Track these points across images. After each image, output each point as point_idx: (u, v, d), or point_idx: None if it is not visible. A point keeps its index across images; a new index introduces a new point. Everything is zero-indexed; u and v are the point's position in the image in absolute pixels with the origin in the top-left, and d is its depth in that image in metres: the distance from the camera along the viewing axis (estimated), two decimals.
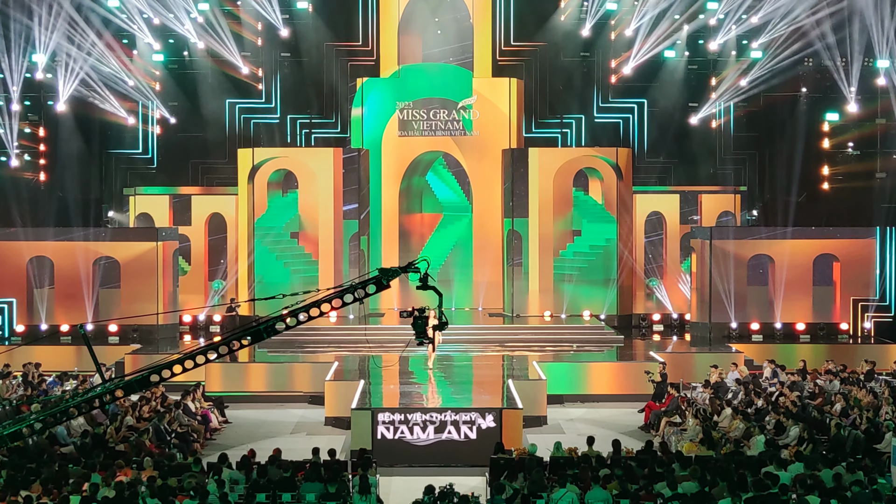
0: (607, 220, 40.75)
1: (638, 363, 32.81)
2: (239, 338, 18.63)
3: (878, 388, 29.57)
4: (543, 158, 40.46)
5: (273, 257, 40.39)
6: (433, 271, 19.89)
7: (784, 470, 20.33)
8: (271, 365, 32.99)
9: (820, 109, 43.44)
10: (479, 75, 42.82)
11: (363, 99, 42.76)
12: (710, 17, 42.83)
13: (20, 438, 19.65)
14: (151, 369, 18.55)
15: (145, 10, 42.14)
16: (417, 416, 25.18)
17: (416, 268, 18.75)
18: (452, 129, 42.68)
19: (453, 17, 42.99)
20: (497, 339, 36.84)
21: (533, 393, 28.75)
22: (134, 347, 35.68)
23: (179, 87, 43.80)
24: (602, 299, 40.43)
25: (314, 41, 43.56)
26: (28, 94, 42.46)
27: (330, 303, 18.53)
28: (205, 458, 23.34)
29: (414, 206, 43.71)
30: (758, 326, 37.93)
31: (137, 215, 41.90)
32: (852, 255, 38.36)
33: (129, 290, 37.92)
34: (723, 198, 42.47)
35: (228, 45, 42.84)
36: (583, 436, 23.98)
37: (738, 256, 38.26)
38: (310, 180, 40.42)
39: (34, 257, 38.25)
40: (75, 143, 42.68)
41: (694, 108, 43.83)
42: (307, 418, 30.05)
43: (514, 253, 40.59)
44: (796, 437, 24.01)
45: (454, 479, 19.96)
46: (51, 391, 29.49)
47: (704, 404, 27.93)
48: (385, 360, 31.70)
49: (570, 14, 43.81)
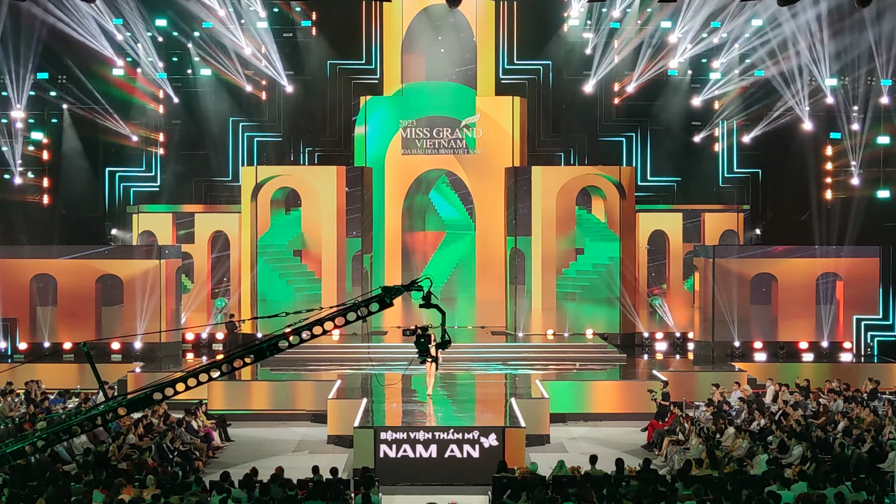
0: (610, 238, 40.76)
1: (641, 382, 32.79)
2: (242, 356, 18.60)
3: (881, 407, 29.54)
4: (546, 177, 40.47)
5: (276, 275, 40.41)
6: (436, 289, 19.86)
7: (787, 489, 20.30)
8: (274, 383, 32.96)
9: (823, 128, 43.45)
10: (482, 94, 42.89)
11: (366, 117, 42.84)
12: (714, 36, 42.91)
13: (23, 456, 19.64)
14: (154, 387, 18.52)
15: (149, 28, 42.23)
16: (420, 435, 25.13)
17: (419, 286, 18.72)
18: (455, 148, 42.73)
19: (456, 35, 43.07)
20: (500, 357, 36.83)
21: (536, 411, 28.73)
22: (137, 365, 35.67)
23: (183, 105, 43.89)
24: (605, 318, 40.39)
25: (318, 59, 43.67)
26: (32, 112, 42.54)
27: (333, 321, 18.49)
28: (207, 476, 23.32)
29: (417, 225, 43.73)
30: (761, 345, 37.88)
31: (140, 233, 41.93)
32: (855, 274, 38.33)
33: (132, 307, 37.95)
34: (726, 216, 42.50)
35: (232, 64, 42.91)
36: (585, 454, 23.91)
37: (741, 275, 38.25)
38: (313, 198, 40.44)
39: (37, 275, 38.26)
40: (79, 162, 42.76)
41: (697, 127, 43.89)
42: (309, 436, 30.01)
43: (516, 271, 40.59)
44: (799, 457, 23.97)
45: (457, 498, 19.99)
46: (53, 409, 29.49)
47: (707, 423, 27.89)
48: (388, 379, 31.67)
49: (573, 33, 43.92)
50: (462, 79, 43.00)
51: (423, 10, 42.79)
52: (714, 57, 43.09)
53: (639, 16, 43.17)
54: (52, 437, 18.90)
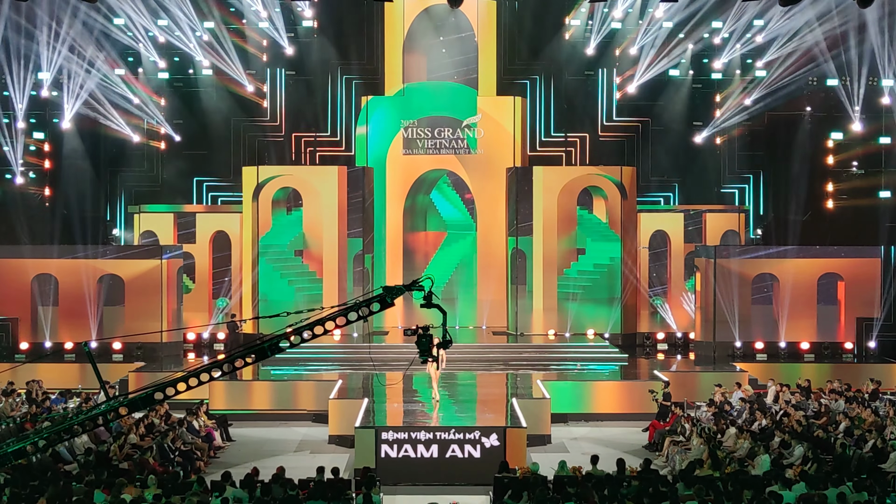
0: (611, 238, 40.74)
1: (642, 382, 32.77)
2: (243, 356, 18.58)
3: (882, 407, 29.54)
4: (548, 177, 40.44)
5: (277, 275, 40.39)
6: (437, 289, 19.89)
7: (789, 490, 20.29)
8: (275, 383, 32.96)
9: (824, 128, 43.50)
10: (483, 94, 42.87)
11: (368, 117, 42.83)
12: (715, 37, 42.93)
13: (24, 456, 19.62)
14: (155, 387, 18.50)
15: (150, 28, 42.26)
16: (421, 435, 25.12)
17: (420, 286, 18.70)
18: (457, 148, 42.70)
19: (458, 35, 43.06)
20: (501, 357, 36.81)
21: (537, 411, 28.72)
22: (138, 365, 35.66)
23: (184, 104, 43.89)
24: (606, 318, 40.35)
25: (319, 59, 43.68)
26: (33, 112, 42.56)
27: (334, 321, 18.47)
28: (208, 476, 23.31)
29: (418, 225, 43.72)
30: (762, 345, 37.85)
31: (142, 233, 41.93)
32: (857, 274, 38.31)
33: (133, 307, 37.96)
34: (727, 217, 42.49)
35: (233, 64, 42.94)
36: (587, 455, 23.91)
37: (743, 275, 38.24)
38: (314, 198, 40.42)
39: (38, 275, 38.26)
40: (80, 161, 42.77)
41: (698, 127, 43.90)
42: (311, 436, 30.00)
43: (517, 271, 40.58)
44: (801, 457, 23.96)
45: (458, 498, 19.98)
46: (54, 409, 29.49)
47: (709, 423, 27.89)
48: (389, 379, 31.66)
49: (574, 33, 43.93)
50: (463, 79, 42.99)
51: (424, 10, 42.77)
52: (716, 56, 43.08)
53: (640, 15, 43.20)
54: (54, 437, 18.90)
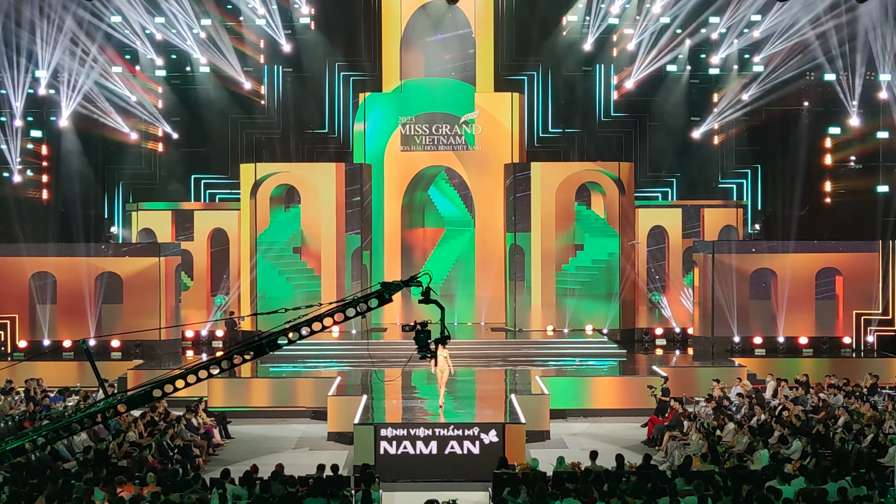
0: (609, 234, 40.73)
1: (641, 377, 32.74)
2: (241, 352, 18.57)
3: (881, 401, 29.53)
4: (545, 173, 40.44)
5: (275, 272, 40.38)
6: (435, 285, 19.84)
7: (787, 484, 20.28)
8: (274, 380, 32.95)
9: (822, 123, 43.50)
10: (481, 90, 42.84)
11: (365, 114, 42.80)
12: (713, 32, 42.93)
13: (23, 454, 19.62)
14: (154, 384, 18.50)
15: (147, 26, 42.23)
16: (420, 431, 25.12)
17: (418, 282, 18.69)
18: (455, 144, 42.68)
19: (455, 32, 43.03)
20: (499, 353, 36.81)
21: (536, 407, 28.70)
22: (136, 363, 35.63)
23: (182, 102, 43.88)
24: (604, 314, 40.33)
25: (316, 56, 43.66)
26: (31, 110, 42.53)
27: (332, 317, 18.46)
28: (207, 473, 23.32)
29: (416, 221, 43.70)
30: (760, 340, 37.88)
31: (140, 231, 41.89)
32: (855, 269, 38.30)
33: (132, 305, 37.96)
34: (725, 212, 42.41)
35: (230, 61, 42.92)
36: (586, 450, 23.92)
37: (741, 270, 38.25)
38: (312, 195, 40.41)
39: (36, 273, 38.23)
40: (78, 159, 42.74)
41: (696, 123, 43.89)
42: (310, 433, 30.00)
43: (516, 267, 40.57)
44: (800, 451, 23.96)
45: (457, 495, 19.98)
46: (53, 407, 29.47)
47: (708, 418, 27.89)
48: (388, 375, 31.66)
49: (572, 29, 43.94)
50: (461, 75, 42.98)
51: (421, 7, 42.76)
52: (714, 52, 43.10)
53: (637, 11, 43.21)
54: (53, 435, 18.90)
